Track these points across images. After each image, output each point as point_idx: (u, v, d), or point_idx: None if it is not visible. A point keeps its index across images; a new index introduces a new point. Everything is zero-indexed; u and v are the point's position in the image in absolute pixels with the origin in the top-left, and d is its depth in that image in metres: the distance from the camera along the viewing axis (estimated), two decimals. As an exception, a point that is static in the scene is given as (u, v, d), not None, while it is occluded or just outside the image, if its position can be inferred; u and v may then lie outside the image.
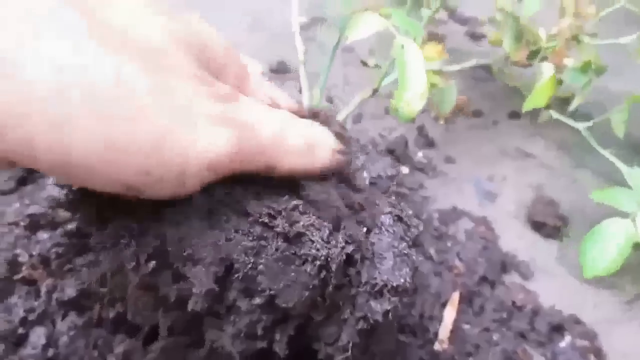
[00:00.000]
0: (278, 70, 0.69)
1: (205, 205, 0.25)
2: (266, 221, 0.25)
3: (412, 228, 0.29)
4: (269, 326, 0.25)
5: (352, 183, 0.31)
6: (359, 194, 0.31)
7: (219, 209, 0.25)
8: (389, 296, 0.26)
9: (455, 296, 0.45)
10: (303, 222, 0.25)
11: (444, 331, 0.42)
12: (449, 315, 0.43)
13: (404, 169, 0.57)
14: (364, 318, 0.26)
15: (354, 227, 0.28)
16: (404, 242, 0.28)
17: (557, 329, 0.46)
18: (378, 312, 0.26)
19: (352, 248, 0.26)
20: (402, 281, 0.27)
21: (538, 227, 0.54)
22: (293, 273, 0.25)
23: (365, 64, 0.72)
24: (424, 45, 0.56)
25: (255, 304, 0.25)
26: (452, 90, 0.59)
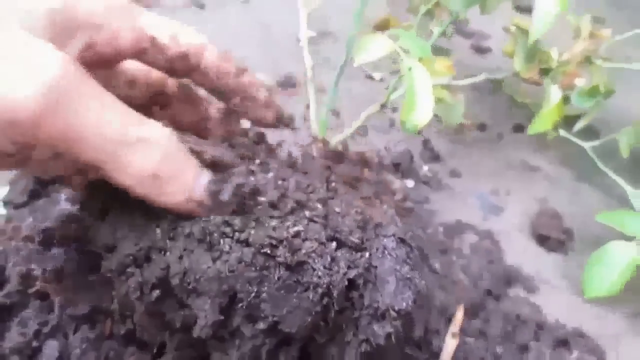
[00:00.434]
0: (285, 84, 0.70)
1: (205, 235, 0.26)
2: (268, 252, 0.25)
3: (415, 250, 0.30)
4: (273, 349, 0.26)
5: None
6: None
7: (220, 239, 0.26)
8: (392, 320, 0.27)
9: (459, 312, 0.46)
10: (305, 250, 0.26)
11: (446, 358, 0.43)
12: (451, 344, 0.43)
13: (409, 183, 0.58)
14: (367, 341, 0.27)
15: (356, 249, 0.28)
16: (407, 265, 0.29)
17: (563, 344, 0.46)
18: (380, 336, 0.27)
19: (355, 273, 0.27)
20: (405, 305, 0.27)
21: (542, 241, 0.55)
22: (295, 300, 0.25)
23: (371, 78, 0.73)
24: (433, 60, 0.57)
25: (258, 329, 0.25)
26: (460, 104, 0.60)
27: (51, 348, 0.33)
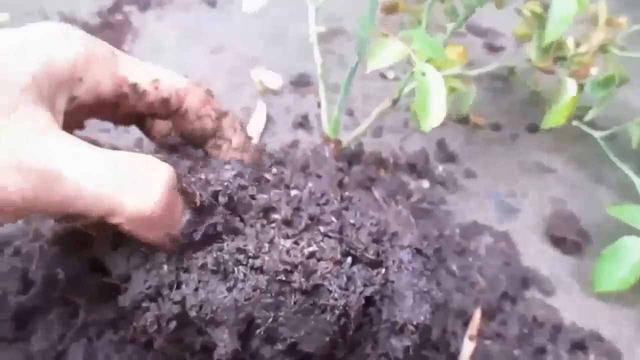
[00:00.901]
0: (298, 83, 0.70)
1: (219, 265, 0.26)
2: (283, 279, 0.26)
3: (432, 258, 0.30)
4: None
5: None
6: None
7: (234, 268, 0.26)
8: (410, 333, 0.27)
9: (477, 314, 0.46)
10: (320, 271, 0.26)
11: None
12: (468, 347, 0.44)
13: (425, 183, 0.58)
14: (386, 355, 0.27)
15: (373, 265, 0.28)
16: (424, 277, 0.29)
17: (579, 347, 0.46)
18: (399, 349, 0.27)
19: (371, 290, 0.27)
20: (422, 319, 0.28)
21: (558, 243, 0.55)
22: (313, 322, 0.26)
23: (384, 77, 0.73)
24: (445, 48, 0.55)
25: (278, 350, 0.26)
26: (471, 93, 0.59)
27: (76, 351, 0.33)
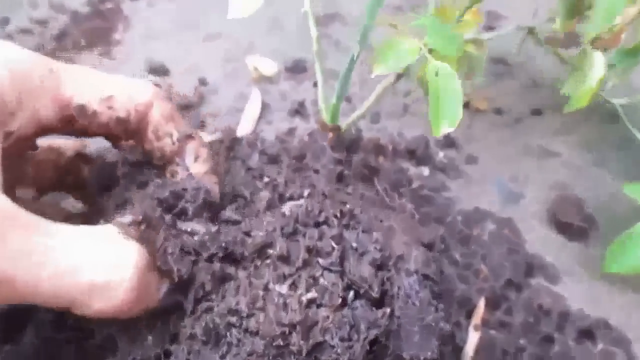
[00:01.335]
0: (294, 69, 0.68)
1: (209, 333, 0.24)
2: (281, 343, 0.24)
3: (438, 281, 0.29)
4: None
5: None
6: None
7: (227, 332, 0.24)
8: None
9: (481, 304, 0.44)
10: (321, 323, 0.24)
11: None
12: (474, 337, 0.42)
13: (425, 170, 0.56)
14: None
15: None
16: (431, 307, 0.28)
17: (587, 334, 0.45)
18: None
19: (376, 332, 0.26)
20: (430, 354, 0.26)
21: (563, 229, 0.53)
22: None
23: (382, 62, 0.71)
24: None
25: None
26: (482, 57, 0.56)
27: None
